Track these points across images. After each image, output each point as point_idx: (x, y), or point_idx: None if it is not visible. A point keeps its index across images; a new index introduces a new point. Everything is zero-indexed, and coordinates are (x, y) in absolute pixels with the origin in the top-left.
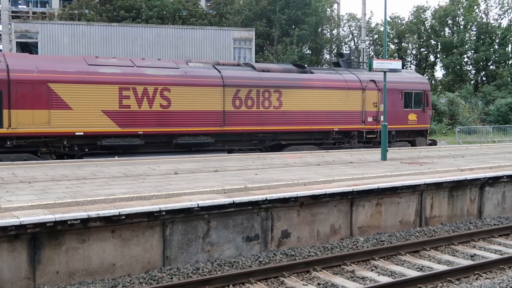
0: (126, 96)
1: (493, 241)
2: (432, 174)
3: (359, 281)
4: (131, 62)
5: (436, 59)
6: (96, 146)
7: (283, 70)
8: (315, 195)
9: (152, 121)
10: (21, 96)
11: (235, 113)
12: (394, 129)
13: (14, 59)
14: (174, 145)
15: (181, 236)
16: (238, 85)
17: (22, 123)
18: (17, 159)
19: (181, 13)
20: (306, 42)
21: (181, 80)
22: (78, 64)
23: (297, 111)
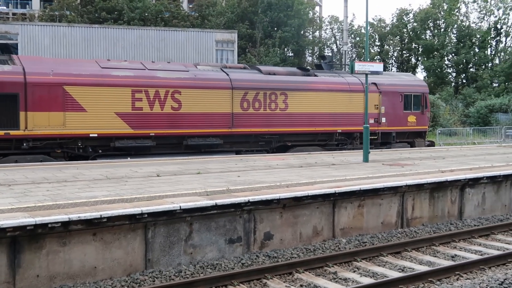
0: (138, 98)
1: (474, 241)
2: (413, 175)
3: (341, 282)
4: (142, 65)
5: (417, 61)
6: (109, 147)
7: (288, 73)
8: (298, 197)
9: (163, 123)
10: (37, 99)
11: (243, 115)
12: (395, 131)
13: (29, 62)
14: (184, 146)
15: (163, 239)
16: (246, 88)
17: (38, 125)
18: (33, 161)
19: (163, 15)
20: (288, 44)
21: (191, 83)
22: (91, 67)
23: (302, 113)
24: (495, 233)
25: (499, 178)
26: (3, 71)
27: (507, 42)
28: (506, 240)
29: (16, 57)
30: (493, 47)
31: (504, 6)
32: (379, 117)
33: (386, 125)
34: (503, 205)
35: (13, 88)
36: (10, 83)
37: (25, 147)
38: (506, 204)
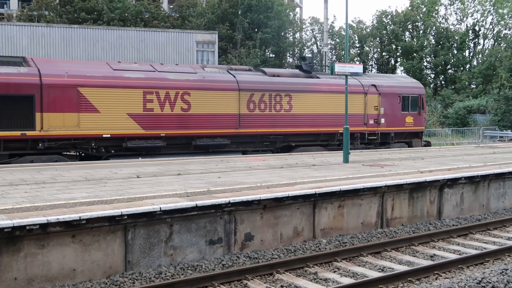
0: (149, 99)
1: (452, 241)
2: (392, 176)
3: (321, 282)
4: (151, 67)
5: (397, 63)
6: (122, 147)
7: (292, 75)
8: (278, 198)
9: (173, 123)
10: (52, 100)
11: (249, 116)
12: (393, 131)
13: (44, 64)
14: (193, 146)
15: (143, 240)
16: (252, 89)
17: (53, 126)
18: (48, 161)
19: (143, 15)
20: (269, 45)
21: (200, 84)
22: (103, 69)
23: (306, 114)
24: (473, 233)
25: (477, 178)
26: (19, 73)
27: (484, 44)
28: (484, 240)
29: (30, 59)
30: (471, 49)
31: (482, 9)
32: (378, 118)
33: (385, 125)
34: (481, 205)
35: (29, 89)
36: (26, 85)
37: (40, 147)
38: (483, 204)
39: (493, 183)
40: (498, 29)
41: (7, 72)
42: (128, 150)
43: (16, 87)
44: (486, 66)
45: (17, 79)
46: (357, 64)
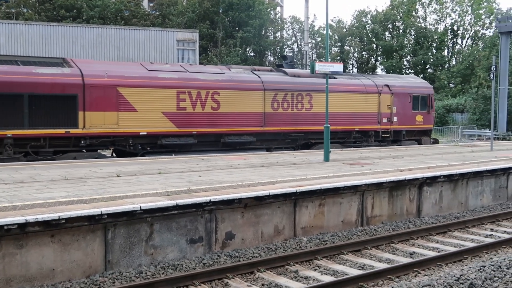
0: (182, 99)
1: (431, 239)
2: (373, 174)
3: (302, 281)
4: (182, 68)
5: (377, 62)
6: (156, 145)
7: (310, 75)
8: (259, 197)
9: (204, 122)
10: (94, 99)
11: (273, 114)
12: (404, 129)
13: (84, 65)
14: (221, 143)
15: (124, 240)
16: (276, 89)
17: (94, 124)
18: (89, 157)
19: (123, 13)
20: (249, 44)
21: (229, 84)
22: (138, 69)
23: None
24: (452, 230)
25: (456, 176)
26: (63, 73)
27: (463, 44)
28: (462, 237)
29: (69, 60)
30: (450, 49)
31: (460, 9)
32: (391, 116)
33: (397, 124)
34: (460, 203)
35: (73, 89)
36: (70, 85)
37: (82, 145)
38: (462, 202)
39: (471, 181)
40: (475, 29)
41: (52, 72)
42: (162, 147)
43: (61, 87)
44: (464, 66)
45: (62, 79)
46: (337, 63)
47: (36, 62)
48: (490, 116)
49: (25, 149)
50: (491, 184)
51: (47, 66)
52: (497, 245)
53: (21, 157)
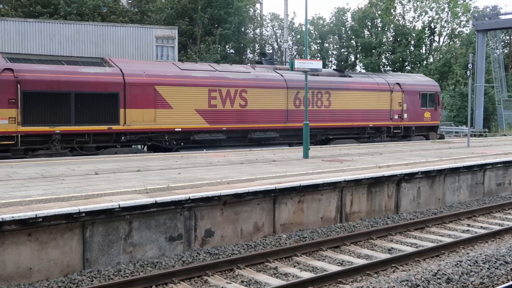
0: (213, 97)
1: (409, 234)
2: (351, 171)
3: (282, 277)
4: (211, 67)
5: (356, 59)
6: (189, 140)
7: (329, 74)
8: (238, 194)
9: (232, 118)
10: (134, 97)
11: (295, 111)
12: (414, 125)
13: (123, 64)
14: (248, 139)
15: (102, 238)
16: (297, 87)
17: (134, 121)
18: (129, 152)
19: (101, 10)
20: (229, 41)
21: (255, 83)
22: (172, 68)
23: (342, 109)
24: (429, 226)
25: (433, 173)
26: (106, 73)
27: (440, 42)
28: (440, 233)
29: (108, 59)
30: (428, 46)
31: (437, 6)
32: (402, 113)
33: (407, 120)
34: (437, 199)
35: (115, 87)
36: (113, 83)
37: (123, 140)
38: (439, 198)
39: (448, 178)
40: (452, 27)
41: (96, 72)
42: (195, 142)
43: (104, 85)
44: (442, 63)
45: (105, 78)
46: (316, 61)
47: (78, 61)
48: (467, 113)
49: (71, 144)
50: (467, 180)
51: (89, 66)
52: (474, 240)
53: (67, 152)
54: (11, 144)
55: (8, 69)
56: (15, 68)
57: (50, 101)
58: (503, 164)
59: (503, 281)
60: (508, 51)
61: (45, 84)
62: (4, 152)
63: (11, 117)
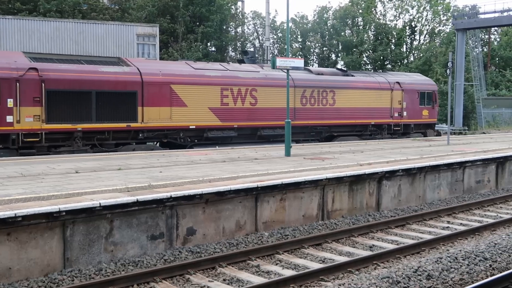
0: (225, 95)
1: (390, 232)
2: (333, 169)
3: (264, 275)
4: (222, 67)
5: (337, 57)
6: (202, 137)
7: (332, 73)
8: (220, 192)
9: (243, 116)
10: (151, 96)
11: (302, 109)
12: (413, 123)
13: (140, 63)
14: (257, 136)
15: (83, 237)
16: (304, 86)
17: (151, 118)
18: (146, 149)
19: (81, 7)
20: (210, 39)
21: (264, 81)
22: (185, 68)
23: (346, 107)
24: (410, 223)
25: (414, 170)
26: (125, 72)
27: (420, 40)
28: (420, 230)
29: (124, 59)
30: (408, 45)
31: (418, 5)
32: (401, 111)
33: (407, 118)
34: (418, 196)
35: (133, 86)
36: (131, 82)
37: (141, 137)
38: (420, 195)
39: (429, 175)
40: (433, 26)
41: (116, 71)
42: (208, 139)
43: (123, 84)
44: (422, 62)
45: (124, 77)
46: (298, 59)
47: (96, 61)
48: (447, 111)
49: (92, 141)
50: (447, 177)
51: (107, 65)
52: (453, 237)
53: (88, 149)
54: (35, 141)
55: (33, 68)
56: (39, 68)
57: (72, 100)
58: (482, 162)
59: (482, 277)
60: (487, 50)
61: (68, 83)
62: (29, 149)
63: (35, 115)
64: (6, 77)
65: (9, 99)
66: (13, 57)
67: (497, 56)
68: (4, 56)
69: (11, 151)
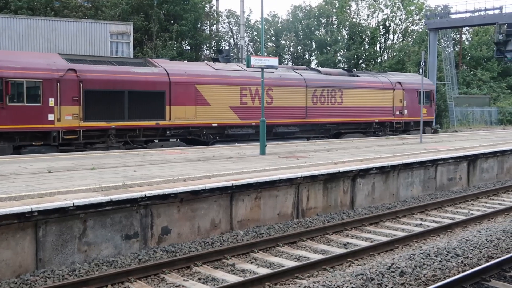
0: (244, 94)
1: (364, 229)
2: (308, 167)
3: (239, 273)
4: (240, 67)
5: (311, 56)
6: (223, 134)
7: (339, 74)
8: (195, 191)
9: (260, 114)
10: (177, 95)
11: (313, 108)
12: (413, 120)
13: (167, 64)
14: (273, 133)
15: (56, 237)
16: (315, 86)
17: (178, 117)
18: (173, 145)
19: (54, 4)
20: (185, 38)
21: (280, 81)
22: (207, 68)
23: (352, 106)
24: (384, 221)
25: (387, 168)
26: (154, 72)
27: (394, 39)
28: (394, 227)
29: (151, 60)
30: (382, 44)
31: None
32: (402, 109)
33: (407, 116)
34: (391, 194)
35: (162, 86)
36: (160, 82)
37: (168, 135)
38: (393, 193)
39: (402, 173)
40: (406, 25)
41: (146, 71)
42: (228, 136)
43: (152, 84)
44: (395, 61)
45: (153, 77)
46: (272, 58)
47: (125, 62)
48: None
49: (124, 138)
50: (420, 175)
51: (136, 66)
52: (426, 234)
53: (121, 146)
54: (73, 139)
55: (71, 69)
56: (77, 69)
57: (107, 99)
58: (454, 160)
59: (454, 273)
60: (459, 50)
61: (103, 83)
62: (68, 145)
63: (74, 114)
64: (48, 78)
65: (51, 98)
66: (51, 58)
67: (468, 55)
68: (43, 57)
69: (52, 148)
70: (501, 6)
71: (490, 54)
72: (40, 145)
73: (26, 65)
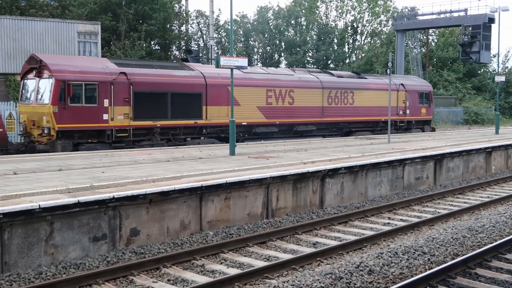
0: (269, 95)
1: (333, 228)
2: (277, 167)
3: (209, 274)
4: (264, 71)
5: (281, 57)
6: (251, 132)
7: (349, 76)
8: (164, 192)
9: (283, 114)
10: (213, 96)
11: (328, 108)
12: (414, 119)
13: (202, 68)
14: (293, 132)
15: (21, 240)
16: (330, 87)
17: (213, 116)
18: (208, 143)
19: (19, 3)
20: (154, 38)
21: (299, 83)
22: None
23: (362, 106)
24: (353, 220)
25: (356, 168)
26: (192, 75)
27: (362, 40)
28: (362, 226)
29: (185, 64)
30: (350, 45)
31: (359, 6)
32: (405, 109)
33: (409, 115)
34: (360, 193)
35: (200, 88)
36: (198, 85)
37: (204, 133)
38: (362, 192)
39: (370, 173)
40: (373, 26)
41: (185, 75)
42: (255, 134)
43: (191, 86)
44: (364, 62)
45: (192, 80)
46: (242, 58)
47: (165, 66)
48: None
49: (167, 136)
50: (388, 174)
51: (174, 69)
52: (394, 233)
53: (164, 143)
54: (124, 136)
55: (122, 73)
56: (128, 72)
57: (152, 100)
58: (421, 159)
59: (421, 271)
60: (426, 51)
61: (149, 85)
62: (119, 143)
63: (125, 113)
64: (103, 81)
65: (105, 99)
66: (103, 62)
67: (435, 56)
68: (96, 62)
69: (105, 145)
70: (466, 8)
71: (456, 55)
72: (96, 143)
73: (84, 69)
